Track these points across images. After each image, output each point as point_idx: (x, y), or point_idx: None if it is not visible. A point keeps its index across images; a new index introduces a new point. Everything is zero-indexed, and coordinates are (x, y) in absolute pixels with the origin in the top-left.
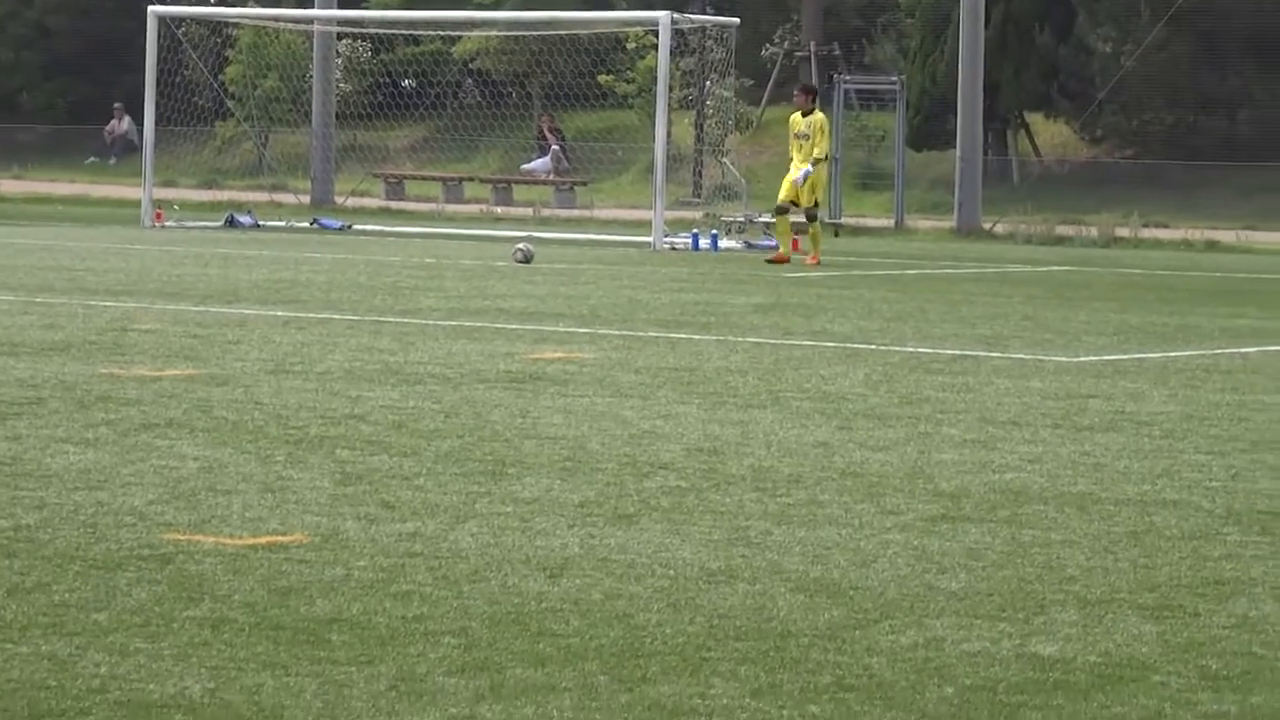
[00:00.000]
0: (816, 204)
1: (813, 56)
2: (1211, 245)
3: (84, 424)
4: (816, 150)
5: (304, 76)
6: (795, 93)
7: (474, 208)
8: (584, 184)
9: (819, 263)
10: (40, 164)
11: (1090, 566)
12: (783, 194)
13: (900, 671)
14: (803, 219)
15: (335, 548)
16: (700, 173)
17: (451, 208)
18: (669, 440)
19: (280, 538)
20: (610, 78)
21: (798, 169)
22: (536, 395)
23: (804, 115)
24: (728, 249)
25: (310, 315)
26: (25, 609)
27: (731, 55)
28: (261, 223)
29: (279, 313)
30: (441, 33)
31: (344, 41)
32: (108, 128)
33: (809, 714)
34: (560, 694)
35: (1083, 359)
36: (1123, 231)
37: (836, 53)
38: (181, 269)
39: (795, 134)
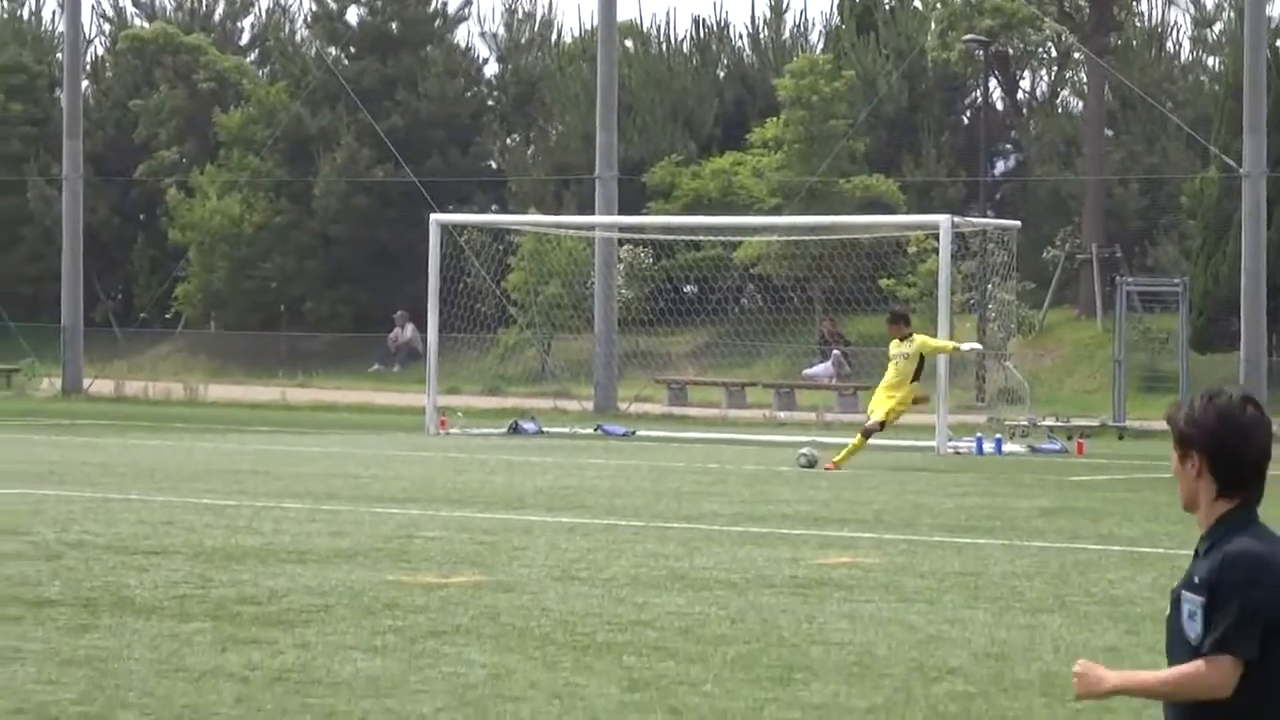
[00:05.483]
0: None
1: (1094, 259)
2: None
3: (371, 631)
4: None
5: (586, 283)
6: None
7: (756, 413)
8: (867, 388)
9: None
10: (325, 372)
11: None
12: None
13: None
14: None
15: None
16: (983, 376)
17: (734, 413)
18: (956, 645)
19: None
20: (891, 281)
21: None
22: (822, 601)
23: None
24: (1011, 453)
25: (595, 521)
26: None
27: (1013, 258)
28: (545, 429)
29: (564, 519)
30: (723, 238)
31: (625, 248)
32: (391, 335)
33: None
34: None
35: None
36: None
37: (1118, 255)
38: (466, 476)
39: None
